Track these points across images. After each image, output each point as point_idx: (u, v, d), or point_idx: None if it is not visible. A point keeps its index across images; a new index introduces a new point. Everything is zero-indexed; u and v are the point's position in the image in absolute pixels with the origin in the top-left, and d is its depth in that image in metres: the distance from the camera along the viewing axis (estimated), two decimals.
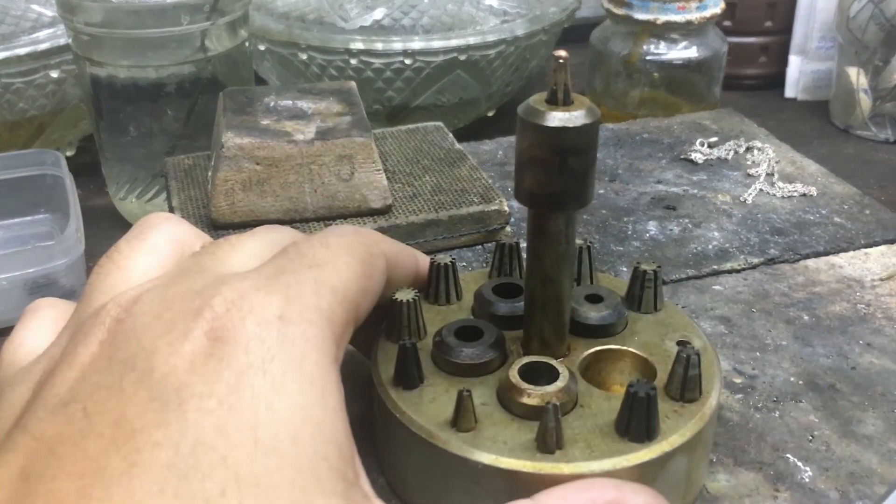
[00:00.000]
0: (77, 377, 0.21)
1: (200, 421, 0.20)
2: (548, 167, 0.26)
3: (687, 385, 0.28)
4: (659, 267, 0.33)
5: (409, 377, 0.28)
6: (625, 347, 0.31)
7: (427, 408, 0.28)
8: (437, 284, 0.33)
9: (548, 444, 0.26)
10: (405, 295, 0.30)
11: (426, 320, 0.31)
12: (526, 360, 0.29)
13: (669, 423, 0.27)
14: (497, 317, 0.32)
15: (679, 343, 0.31)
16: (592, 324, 0.31)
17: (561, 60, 0.25)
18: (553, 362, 0.29)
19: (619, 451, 0.26)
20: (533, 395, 0.27)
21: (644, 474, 0.26)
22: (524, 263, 0.34)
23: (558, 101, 0.26)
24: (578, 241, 0.34)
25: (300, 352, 0.22)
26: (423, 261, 0.33)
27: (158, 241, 0.27)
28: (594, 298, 0.32)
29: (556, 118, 0.26)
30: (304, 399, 0.21)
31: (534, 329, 0.30)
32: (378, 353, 0.30)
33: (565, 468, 0.25)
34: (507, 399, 0.28)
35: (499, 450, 0.26)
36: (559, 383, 0.28)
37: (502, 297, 0.32)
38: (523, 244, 0.31)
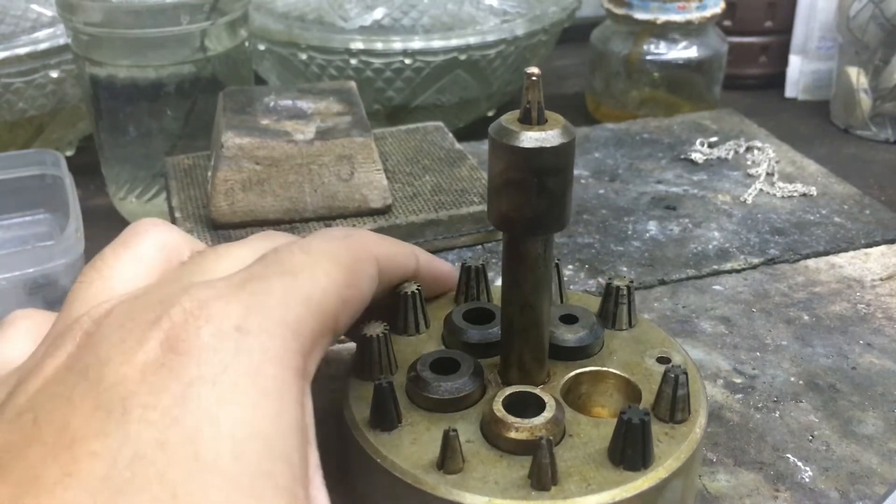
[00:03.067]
0: (37, 388, 0.21)
1: (141, 433, 0.19)
2: (525, 190, 0.25)
3: (676, 406, 0.27)
4: (631, 282, 0.32)
5: (386, 418, 0.27)
6: (606, 369, 0.30)
7: (409, 450, 0.26)
8: (404, 314, 0.31)
9: (542, 480, 0.25)
10: (374, 329, 0.28)
11: (395, 353, 0.30)
12: (509, 390, 0.27)
13: (662, 446, 0.26)
14: (469, 345, 0.30)
15: (659, 360, 0.30)
16: (570, 346, 0.30)
17: (534, 78, 0.24)
18: (537, 391, 0.27)
19: (616, 481, 0.25)
20: (521, 429, 0.26)
21: (643, 503, 0.26)
22: (490, 287, 0.33)
23: (532, 119, 0.25)
24: None
25: (256, 364, 0.21)
26: (424, 257, 0.32)
27: (145, 249, 0.26)
28: (569, 319, 0.31)
29: (532, 139, 0.25)
30: (252, 413, 0.20)
31: (513, 357, 0.29)
32: (349, 392, 0.28)
33: None
34: (493, 434, 0.26)
35: (491, 491, 0.25)
36: (547, 414, 0.26)
37: (474, 324, 0.31)
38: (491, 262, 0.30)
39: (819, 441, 0.34)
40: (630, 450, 0.25)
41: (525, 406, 0.27)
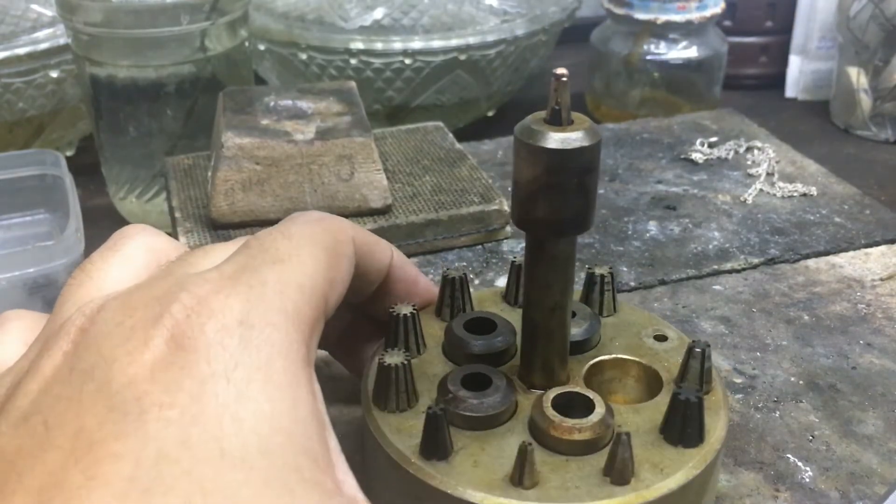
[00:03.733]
0: (40, 389, 0.21)
1: (162, 432, 0.19)
2: (564, 191, 0.25)
3: (704, 378, 0.28)
4: (611, 269, 0.33)
5: (441, 447, 0.26)
6: (619, 356, 0.30)
7: (474, 474, 0.26)
8: (405, 337, 0.30)
9: (623, 475, 0.25)
10: (396, 358, 0.28)
11: None
12: (551, 394, 0.27)
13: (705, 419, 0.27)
14: (476, 356, 0.30)
15: (656, 338, 0.31)
16: (578, 340, 0.30)
17: (563, 79, 0.24)
18: (578, 390, 0.28)
19: (683, 460, 0.26)
20: (584, 430, 0.26)
21: (704, 478, 0.26)
22: (469, 296, 0.33)
23: (563, 121, 0.25)
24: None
25: (265, 358, 0.21)
26: (398, 254, 0.31)
27: (132, 252, 0.26)
28: None
29: (570, 140, 0.25)
30: (271, 408, 0.20)
31: (537, 360, 0.29)
32: (381, 427, 0.27)
33: (647, 494, 0.25)
34: (553, 440, 0.26)
35: (577, 496, 0.25)
36: (600, 410, 0.27)
37: (476, 334, 0.30)
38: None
39: (819, 441, 0.34)
40: (689, 428, 0.26)
41: (569, 406, 0.27)
